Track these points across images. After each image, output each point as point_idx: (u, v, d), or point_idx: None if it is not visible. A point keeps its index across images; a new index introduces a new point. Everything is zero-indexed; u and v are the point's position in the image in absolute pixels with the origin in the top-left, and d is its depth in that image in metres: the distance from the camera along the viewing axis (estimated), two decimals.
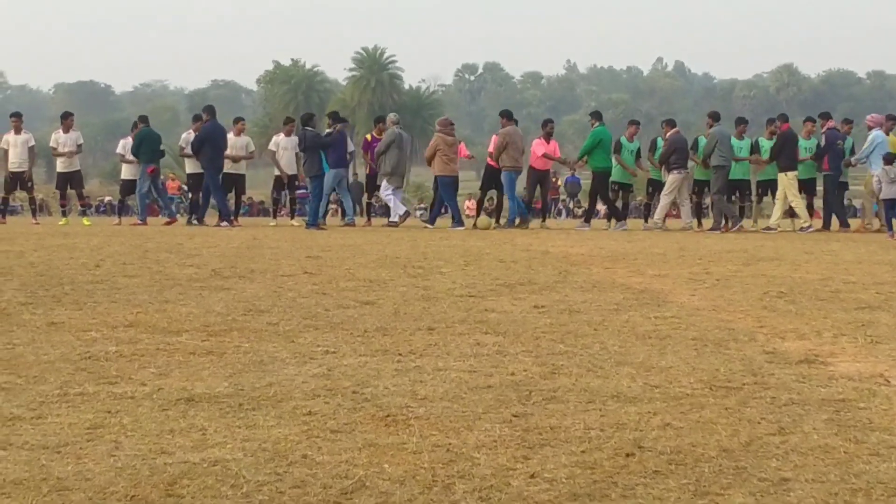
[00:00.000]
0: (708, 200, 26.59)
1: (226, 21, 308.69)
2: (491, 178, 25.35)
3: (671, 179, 24.77)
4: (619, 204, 26.13)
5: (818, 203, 26.46)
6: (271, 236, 18.19)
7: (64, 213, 28.15)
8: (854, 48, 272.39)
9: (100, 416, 4.31)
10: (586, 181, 40.08)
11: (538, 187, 25.80)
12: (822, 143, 24.16)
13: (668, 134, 25.09)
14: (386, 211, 27.47)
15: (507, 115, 25.71)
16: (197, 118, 26.77)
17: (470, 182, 45.48)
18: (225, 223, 24.44)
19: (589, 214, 26.39)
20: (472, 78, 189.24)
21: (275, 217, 29.08)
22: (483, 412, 4.44)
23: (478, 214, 25.89)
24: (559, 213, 41.99)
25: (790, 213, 25.40)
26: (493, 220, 25.37)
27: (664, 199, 25.05)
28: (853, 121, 27.25)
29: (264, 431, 4.09)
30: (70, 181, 25.33)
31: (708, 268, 11.54)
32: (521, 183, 26.43)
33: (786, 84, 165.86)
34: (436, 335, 6.54)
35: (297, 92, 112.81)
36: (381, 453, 3.77)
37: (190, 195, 27.59)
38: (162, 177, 48.80)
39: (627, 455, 3.75)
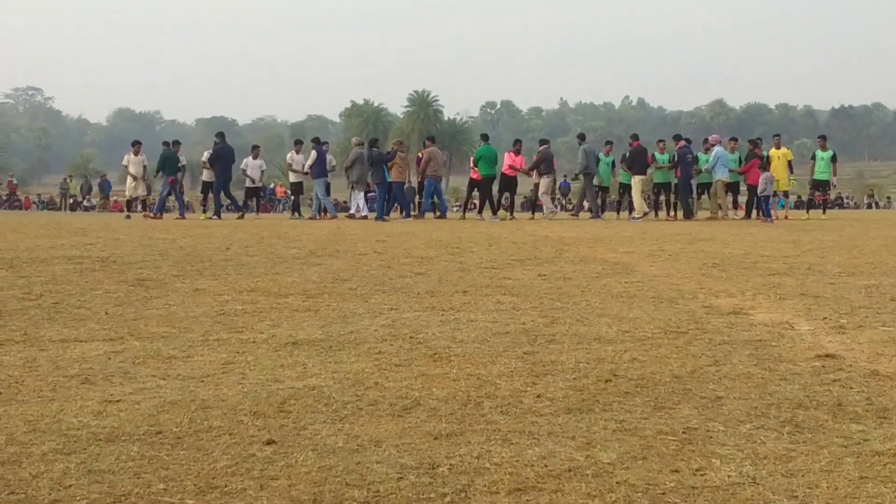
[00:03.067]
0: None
1: (317, 69, 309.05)
2: (506, 184, 25.14)
3: (543, 182, 24.35)
4: (598, 201, 25.89)
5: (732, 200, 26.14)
6: (351, 226, 18.21)
7: (204, 211, 28.27)
8: (766, 86, 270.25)
9: (231, 356, 4.34)
10: (576, 185, 39.82)
11: (506, 191, 25.55)
12: (675, 157, 24.06)
13: (541, 149, 24.82)
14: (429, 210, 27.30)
15: (431, 139, 25.87)
16: (298, 142, 26.81)
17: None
18: (238, 214, 24.73)
19: (480, 207, 25.43)
20: (492, 111, 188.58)
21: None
22: (503, 351, 4.44)
23: (497, 210, 25.68)
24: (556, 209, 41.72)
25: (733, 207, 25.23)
26: (508, 214, 25.22)
27: (544, 198, 24.62)
28: (737, 138, 26.91)
29: (347, 365, 4.11)
30: (211, 187, 25.31)
31: (662, 246, 11.49)
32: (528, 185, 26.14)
33: (717, 113, 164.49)
34: (469, 296, 6.55)
35: (368, 123, 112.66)
36: (430, 381, 3.78)
37: (293, 197, 27.56)
38: (272, 185, 48.90)
39: (606, 381, 3.75)
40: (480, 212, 25.30)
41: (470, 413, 3.26)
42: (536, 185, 24.74)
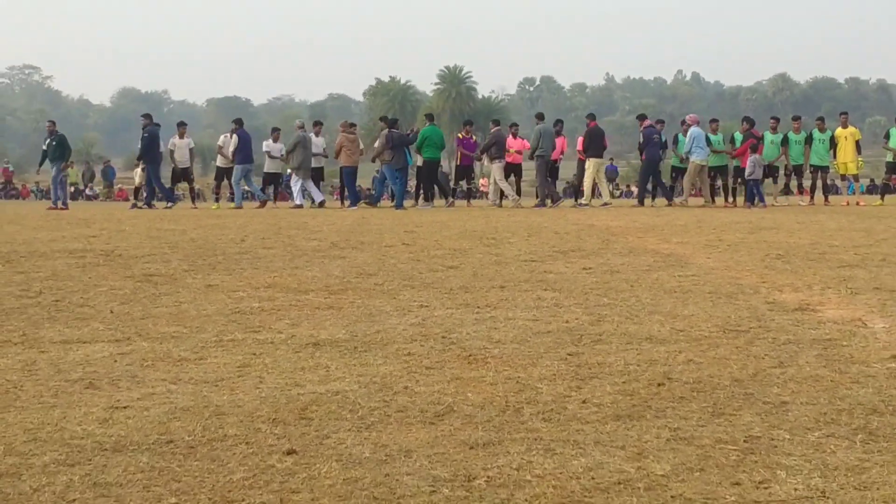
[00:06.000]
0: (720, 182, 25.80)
1: (338, 45, 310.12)
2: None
3: (495, 168, 24.41)
4: (648, 186, 25.79)
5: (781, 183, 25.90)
6: (376, 216, 18.24)
7: (216, 200, 28.40)
8: (835, 58, 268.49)
9: (247, 358, 4.36)
10: (622, 169, 39.75)
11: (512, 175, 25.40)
12: (641, 139, 24.27)
13: (493, 130, 24.94)
14: (466, 194, 27.21)
15: (384, 120, 25.52)
16: (317, 123, 26.77)
17: (527, 171, 45.00)
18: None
19: (427, 194, 24.96)
20: (531, 88, 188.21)
21: (379, 201, 28.76)
22: (544, 352, 4.44)
23: (537, 197, 25.56)
24: (601, 195, 41.55)
25: (786, 190, 25.03)
26: (550, 200, 25.15)
27: (501, 185, 24.57)
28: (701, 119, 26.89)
29: (374, 368, 4.12)
30: (226, 174, 25.41)
31: (720, 236, 11.43)
32: (571, 170, 26.11)
33: (780, 89, 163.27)
34: (506, 292, 6.54)
35: (394, 102, 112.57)
36: (465, 385, 3.78)
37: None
38: (289, 171, 48.87)
39: (659, 385, 3.74)
40: (421, 198, 25.13)
41: (509, 420, 3.26)
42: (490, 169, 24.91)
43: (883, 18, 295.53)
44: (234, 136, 24.53)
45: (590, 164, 23.90)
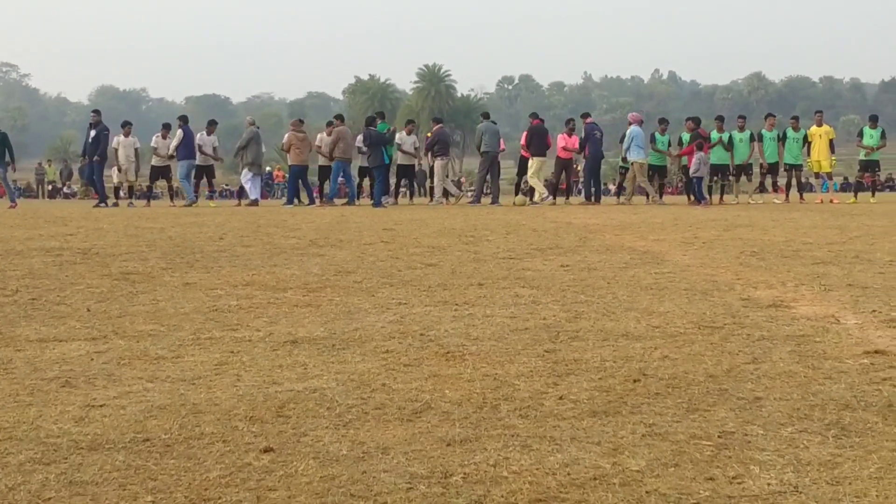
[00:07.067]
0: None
1: (317, 43, 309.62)
2: (524, 166, 25.19)
3: (438, 165, 24.94)
4: (625, 184, 25.94)
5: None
6: (355, 213, 18.22)
7: (196, 197, 28.30)
8: (810, 57, 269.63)
9: (225, 356, 4.34)
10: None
11: (563, 172, 25.47)
12: (583, 135, 24.79)
13: (435, 129, 25.43)
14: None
15: (340, 118, 26.03)
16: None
17: (508, 169, 45.09)
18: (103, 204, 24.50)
19: (396, 191, 26.30)
20: (510, 87, 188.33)
21: (359, 198, 28.71)
22: (522, 349, 4.44)
23: (516, 194, 25.64)
24: (579, 193, 41.61)
25: (761, 188, 25.15)
26: (528, 199, 25.18)
27: (437, 182, 25.14)
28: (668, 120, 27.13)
29: (352, 366, 4.11)
30: (206, 172, 25.46)
31: (696, 233, 11.47)
32: (549, 168, 26.19)
33: (756, 88, 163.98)
34: (484, 289, 6.54)
35: (374, 100, 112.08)
36: (442, 382, 3.78)
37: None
38: (269, 168, 48.94)
39: (635, 381, 3.75)
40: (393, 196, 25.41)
41: (486, 417, 3.26)
42: (431, 168, 25.25)
43: (857, 18, 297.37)
44: (179, 131, 24.56)
45: (533, 161, 24.08)
